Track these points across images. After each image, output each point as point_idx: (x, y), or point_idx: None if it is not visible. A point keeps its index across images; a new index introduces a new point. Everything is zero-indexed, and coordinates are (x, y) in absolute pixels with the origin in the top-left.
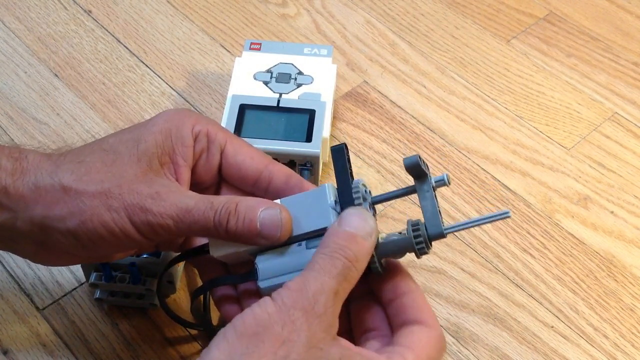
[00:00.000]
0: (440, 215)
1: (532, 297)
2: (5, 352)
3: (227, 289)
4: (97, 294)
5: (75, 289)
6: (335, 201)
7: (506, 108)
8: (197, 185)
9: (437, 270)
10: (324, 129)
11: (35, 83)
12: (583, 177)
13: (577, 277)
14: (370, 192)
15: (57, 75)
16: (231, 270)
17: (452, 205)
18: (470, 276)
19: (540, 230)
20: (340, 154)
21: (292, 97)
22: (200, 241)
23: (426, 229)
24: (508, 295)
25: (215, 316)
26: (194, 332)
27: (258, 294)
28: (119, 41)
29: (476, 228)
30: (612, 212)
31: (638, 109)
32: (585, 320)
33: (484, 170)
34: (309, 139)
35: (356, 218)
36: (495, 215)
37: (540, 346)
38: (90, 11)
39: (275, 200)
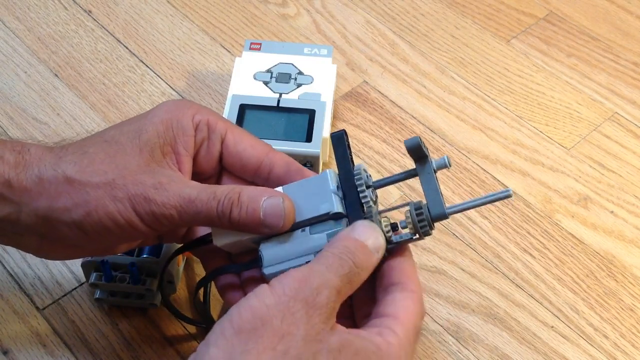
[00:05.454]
0: (442, 196)
1: (532, 297)
2: (5, 352)
3: (231, 278)
4: (97, 294)
5: (75, 289)
6: (337, 186)
7: (506, 108)
8: (198, 175)
9: (437, 270)
10: (324, 129)
11: (35, 83)
12: (583, 177)
13: (577, 277)
14: (371, 176)
15: (57, 75)
16: (234, 260)
17: (452, 205)
18: (470, 276)
19: (540, 230)
20: (340, 140)
21: (292, 97)
22: (204, 232)
23: (429, 210)
24: (508, 295)
25: (215, 314)
26: (193, 331)
27: (262, 281)
28: (119, 41)
29: (476, 228)
30: (612, 212)
31: (638, 109)
32: (585, 320)
33: (484, 170)
34: (309, 139)
35: (368, 230)
36: (497, 195)
37: (540, 346)
38: (90, 11)
39: (277, 188)
